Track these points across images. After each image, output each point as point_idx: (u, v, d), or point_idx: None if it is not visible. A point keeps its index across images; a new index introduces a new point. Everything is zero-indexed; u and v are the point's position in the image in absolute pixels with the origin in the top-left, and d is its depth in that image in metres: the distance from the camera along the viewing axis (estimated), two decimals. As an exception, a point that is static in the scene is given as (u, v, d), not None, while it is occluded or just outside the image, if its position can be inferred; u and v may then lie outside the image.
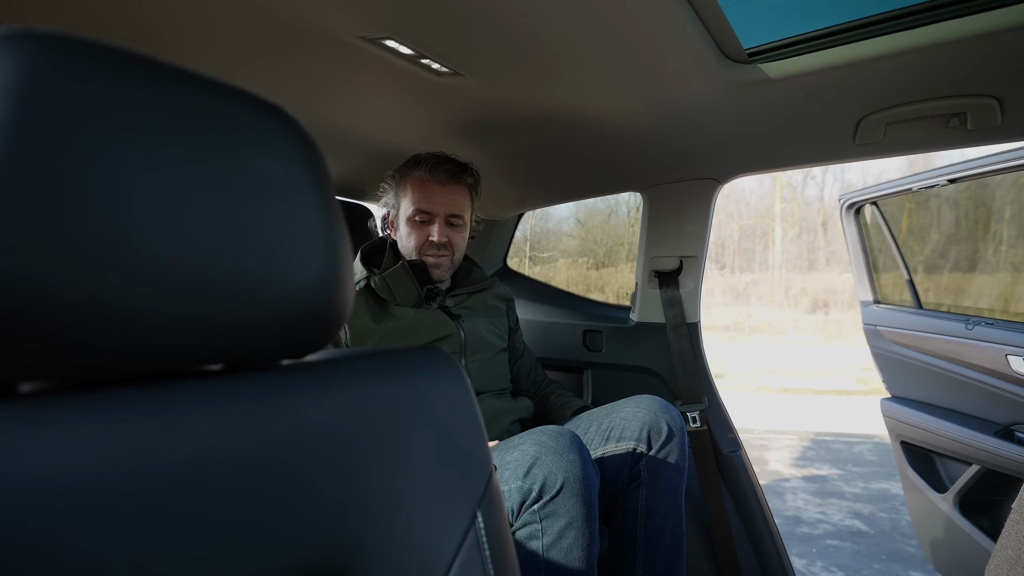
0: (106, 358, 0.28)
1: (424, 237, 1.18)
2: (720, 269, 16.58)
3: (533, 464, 0.87)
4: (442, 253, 1.20)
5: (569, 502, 0.85)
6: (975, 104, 0.92)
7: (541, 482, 0.86)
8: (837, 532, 2.61)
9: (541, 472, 0.86)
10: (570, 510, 0.85)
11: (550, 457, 0.86)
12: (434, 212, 1.18)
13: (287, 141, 0.34)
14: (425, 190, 1.17)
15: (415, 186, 1.18)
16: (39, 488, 0.25)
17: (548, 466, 0.86)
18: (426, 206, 1.17)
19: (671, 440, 1.04)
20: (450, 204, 1.19)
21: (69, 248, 0.25)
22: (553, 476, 0.85)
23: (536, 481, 0.86)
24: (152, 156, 0.28)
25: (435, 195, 1.18)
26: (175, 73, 0.30)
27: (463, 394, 0.44)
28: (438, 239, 1.18)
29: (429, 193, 1.17)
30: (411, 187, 1.18)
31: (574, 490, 0.86)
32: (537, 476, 0.86)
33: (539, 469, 0.86)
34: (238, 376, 0.34)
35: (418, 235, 1.18)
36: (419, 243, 1.18)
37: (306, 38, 0.78)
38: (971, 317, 1.65)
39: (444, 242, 1.19)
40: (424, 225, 1.18)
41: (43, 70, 0.25)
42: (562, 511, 0.86)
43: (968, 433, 1.61)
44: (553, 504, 0.86)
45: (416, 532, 0.38)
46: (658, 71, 0.87)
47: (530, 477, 0.86)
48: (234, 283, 0.31)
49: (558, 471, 0.85)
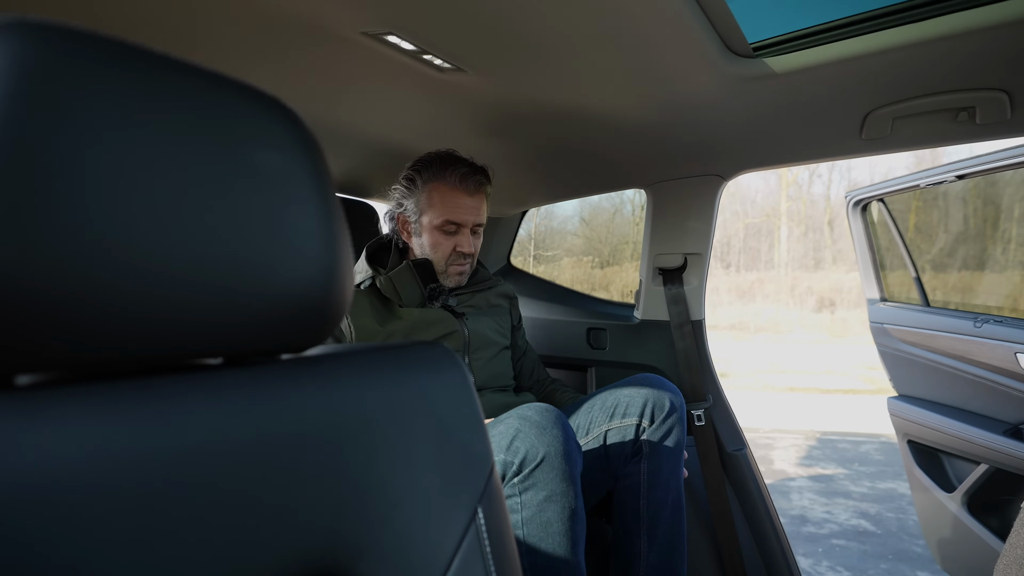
0: (104, 352, 0.28)
1: (452, 247, 1.17)
2: (725, 268, 16.51)
3: (515, 437, 0.87)
4: (467, 261, 1.21)
5: (549, 475, 0.85)
6: (984, 98, 0.90)
7: (523, 455, 0.86)
8: (843, 532, 2.60)
9: (523, 445, 0.86)
10: (550, 483, 0.86)
11: (533, 431, 0.87)
12: (463, 223, 1.16)
13: (285, 134, 0.34)
14: (455, 201, 1.15)
15: (444, 195, 1.15)
16: (36, 480, 0.25)
17: (531, 439, 0.86)
18: (457, 217, 1.15)
19: (672, 415, 1.07)
20: (477, 214, 1.18)
21: (65, 241, 0.25)
22: (535, 449, 0.86)
23: (517, 454, 0.86)
24: (149, 149, 0.28)
25: (464, 206, 1.16)
26: (173, 65, 0.30)
27: (464, 390, 0.44)
28: (468, 250, 1.18)
29: (459, 204, 1.15)
30: (438, 196, 1.15)
31: (554, 464, 0.86)
32: (519, 449, 0.86)
33: (520, 442, 0.87)
34: (237, 370, 0.34)
35: (446, 245, 1.17)
36: (447, 254, 1.18)
37: (308, 34, 0.78)
38: (979, 315, 1.63)
39: (471, 252, 1.19)
40: (452, 235, 1.17)
41: (39, 61, 0.25)
42: (542, 483, 0.86)
43: (976, 432, 1.59)
44: (533, 476, 0.86)
45: (417, 528, 0.38)
46: (662, 66, 0.86)
47: (511, 450, 0.87)
48: (233, 277, 0.31)
49: (540, 444, 0.86)
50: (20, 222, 0.24)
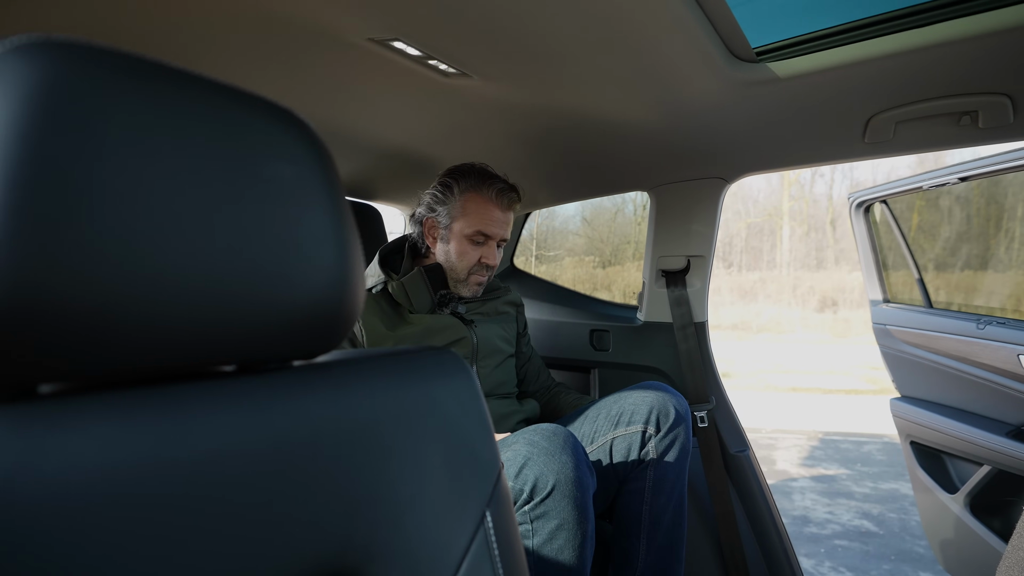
0: (123, 362, 0.28)
1: (477, 258, 1.20)
2: (727, 267, 16.49)
3: (524, 464, 0.86)
4: (488, 273, 1.24)
5: (560, 503, 0.85)
6: (987, 102, 0.91)
7: (532, 483, 0.85)
8: (846, 532, 2.60)
9: (532, 473, 0.85)
10: (561, 512, 0.85)
11: (542, 458, 0.86)
12: (493, 236, 1.20)
13: (298, 144, 0.34)
14: (490, 213, 1.19)
15: (480, 206, 1.18)
16: (59, 486, 0.25)
17: (539, 467, 0.85)
18: (488, 230, 1.19)
19: (679, 424, 1.07)
20: (506, 229, 1.23)
21: (86, 254, 0.26)
22: (544, 477, 0.85)
23: (527, 482, 0.85)
24: (167, 163, 0.29)
25: (497, 219, 1.20)
26: (188, 78, 0.31)
27: (472, 395, 0.44)
28: (493, 263, 1.22)
29: (493, 217, 1.19)
30: (474, 206, 1.19)
31: (565, 492, 0.85)
32: (528, 477, 0.86)
33: (530, 470, 0.86)
34: (251, 377, 0.34)
35: (472, 255, 1.20)
36: (472, 263, 1.20)
37: (315, 41, 0.78)
38: (982, 316, 1.63)
39: (495, 265, 1.23)
40: (479, 246, 1.20)
41: (60, 78, 0.26)
42: (553, 512, 0.85)
43: (979, 433, 1.59)
44: (544, 505, 0.85)
45: (426, 531, 0.38)
46: (666, 71, 0.87)
47: (521, 478, 0.86)
48: (248, 286, 0.31)
49: (549, 472, 0.85)
50: (43, 237, 0.25)
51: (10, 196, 0.24)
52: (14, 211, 0.24)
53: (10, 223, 0.24)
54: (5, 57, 0.25)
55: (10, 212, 0.24)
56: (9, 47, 0.25)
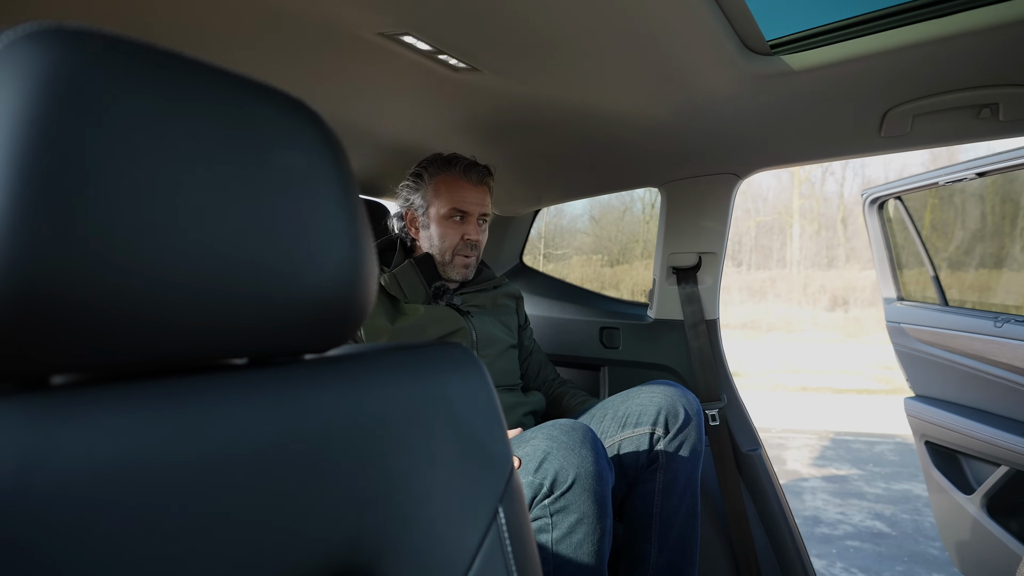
0: (135, 354, 0.28)
1: (459, 236, 1.21)
2: (737, 266, 16.37)
3: (544, 459, 0.87)
4: (473, 253, 1.24)
5: (580, 497, 0.85)
6: (1008, 94, 0.89)
7: (552, 477, 0.86)
8: (858, 533, 2.57)
9: (552, 467, 0.86)
10: (581, 506, 0.85)
11: (562, 452, 0.86)
12: (469, 211, 1.21)
13: (311, 135, 0.34)
14: (461, 189, 1.20)
15: (450, 185, 1.20)
16: (71, 477, 0.25)
17: (560, 461, 0.86)
18: (463, 205, 1.20)
19: (688, 424, 1.05)
20: (482, 204, 1.23)
21: (98, 247, 0.25)
22: (565, 471, 0.85)
23: (547, 476, 0.86)
24: (179, 153, 0.28)
25: (470, 194, 1.21)
26: (199, 67, 0.30)
27: (484, 389, 0.44)
28: (475, 237, 1.22)
29: (465, 192, 1.20)
30: (444, 186, 1.20)
31: (586, 486, 0.85)
32: (548, 471, 0.86)
33: (550, 464, 0.86)
34: (262, 370, 0.34)
35: (453, 234, 1.21)
36: (455, 242, 1.21)
37: (325, 35, 0.78)
38: (1000, 314, 1.61)
39: (477, 240, 1.23)
40: (459, 224, 1.21)
41: (72, 66, 0.26)
42: (573, 507, 0.85)
43: (996, 433, 1.57)
44: (564, 499, 0.85)
45: (438, 527, 0.38)
46: (678, 64, 0.86)
47: (541, 472, 0.87)
48: (261, 278, 0.31)
49: (569, 466, 0.85)
50: (56, 228, 0.24)
51: (24, 186, 0.24)
52: (28, 201, 0.24)
53: (24, 213, 0.24)
54: (17, 44, 0.25)
55: (24, 202, 0.24)
56: (21, 34, 0.25)
